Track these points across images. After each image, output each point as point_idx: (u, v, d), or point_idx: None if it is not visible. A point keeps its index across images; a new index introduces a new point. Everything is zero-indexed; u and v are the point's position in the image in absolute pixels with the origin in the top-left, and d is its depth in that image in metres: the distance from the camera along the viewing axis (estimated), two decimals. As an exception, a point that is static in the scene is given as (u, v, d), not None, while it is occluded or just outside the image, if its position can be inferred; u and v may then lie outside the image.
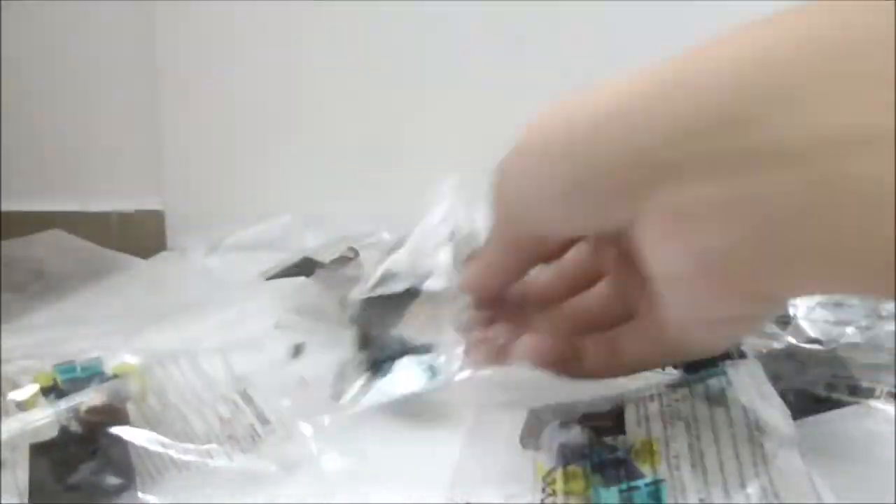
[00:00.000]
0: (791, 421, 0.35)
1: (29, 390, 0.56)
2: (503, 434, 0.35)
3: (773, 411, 0.35)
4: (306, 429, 0.26)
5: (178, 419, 0.31)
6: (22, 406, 0.55)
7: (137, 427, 0.51)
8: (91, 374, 0.56)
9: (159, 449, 0.37)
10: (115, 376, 0.55)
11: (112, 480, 0.46)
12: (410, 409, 0.35)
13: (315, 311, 0.44)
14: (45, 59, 0.99)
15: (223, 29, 0.93)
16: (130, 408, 0.50)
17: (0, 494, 0.48)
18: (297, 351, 0.37)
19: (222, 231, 0.90)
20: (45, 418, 0.52)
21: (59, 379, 0.56)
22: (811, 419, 0.47)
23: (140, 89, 0.97)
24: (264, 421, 0.21)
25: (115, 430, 0.48)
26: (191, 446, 0.35)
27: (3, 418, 0.52)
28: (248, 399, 0.31)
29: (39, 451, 0.49)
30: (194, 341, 0.24)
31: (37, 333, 0.75)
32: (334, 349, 0.37)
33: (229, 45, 0.94)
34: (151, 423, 0.49)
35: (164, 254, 0.98)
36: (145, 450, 0.50)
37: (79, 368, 0.57)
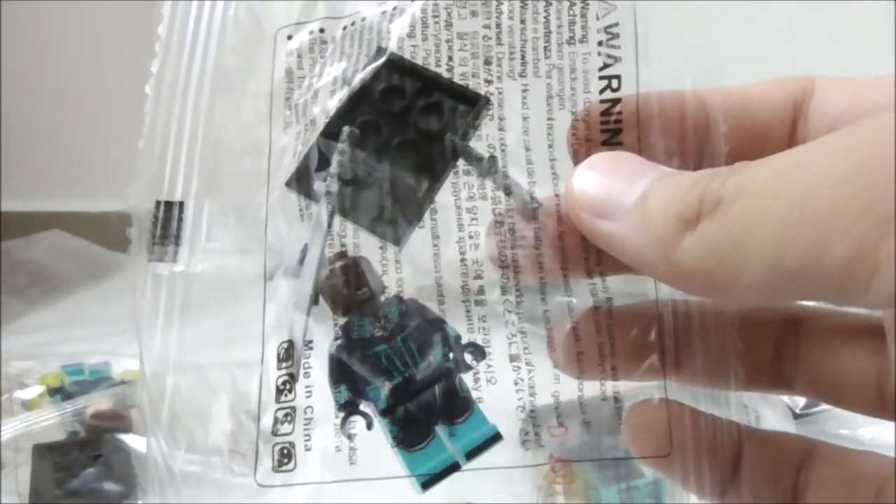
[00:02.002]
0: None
1: (35, 390, 0.56)
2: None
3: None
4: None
5: (181, 430, 0.32)
6: (27, 405, 0.55)
7: (141, 435, 0.52)
8: (99, 378, 0.57)
9: (167, 457, 0.38)
10: (123, 382, 0.55)
11: (112, 488, 0.47)
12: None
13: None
14: (45, 59, 0.99)
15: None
16: (134, 415, 0.51)
17: (0, 494, 0.48)
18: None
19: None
20: (49, 419, 0.52)
21: (67, 381, 0.57)
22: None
23: (140, 89, 0.97)
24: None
25: (120, 436, 0.48)
26: (194, 457, 0.36)
27: (5, 418, 0.53)
28: (252, 417, 0.31)
29: (42, 452, 0.50)
30: (202, 346, 0.24)
31: (37, 334, 0.75)
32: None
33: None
34: (165, 430, 0.49)
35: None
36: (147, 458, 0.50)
37: (87, 371, 0.58)
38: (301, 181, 0.20)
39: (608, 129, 0.19)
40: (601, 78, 0.19)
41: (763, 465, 0.20)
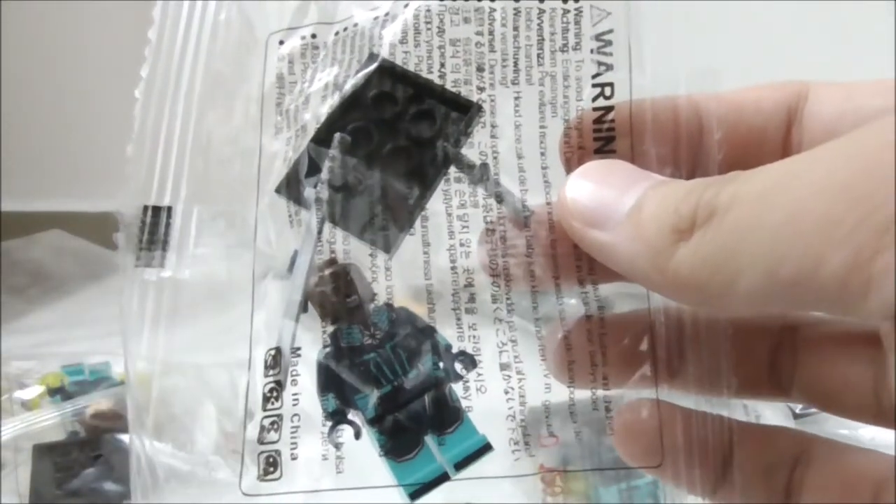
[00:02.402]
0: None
1: (35, 390, 0.56)
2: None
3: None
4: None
5: (181, 430, 0.32)
6: (27, 405, 0.55)
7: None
8: (98, 378, 0.57)
9: (161, 458, 0.38)
10: (123, 382, 0.55)
11: (112, 488, 0.47)
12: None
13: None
14: (44, 58, 0.99)
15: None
16: (133, 415, 0.51)
17: (0, 494, 0.48)
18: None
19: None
20: (49, 419, 0.52)
21: (67, 381, 0.57)
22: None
23: (140, 89, 0.97)
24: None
25: (120, 436, 0.48)
26: (188, 457, 0.36)
27: (5, 418, 0.53)
28: (251, 417, 0.31)
29: (42, 452, 0.50)
30: (192, 349, 0.24)
31: (37, 334, 0.75)
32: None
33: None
34: (154, 432, 0.49)
35: (163, 254, 0.98)
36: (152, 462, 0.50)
37: (87, 371, 0.58)
38: (291, 187, 0.20)
39: (601, 136, 0.19)
40: (594, 85, 0.19)
41: (754, 462, 0.20)
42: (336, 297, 0.19)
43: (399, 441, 0.19)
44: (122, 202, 0.21)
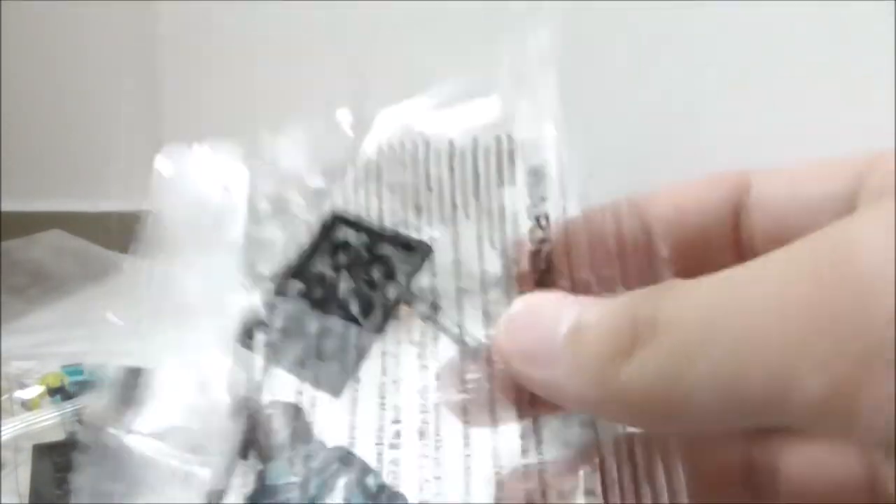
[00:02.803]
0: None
1: (35, 390, 0.56)
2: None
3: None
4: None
5: (182, 430, 0.32)
6: (27, 405, 0.56)
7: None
8: (98, 378, 0.57)
9: (162, 458, 0.38)
10: (124, 382, 0.55)
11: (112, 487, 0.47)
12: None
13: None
14: (44, 59, 0.99)
15: (224, 31, 0.94)
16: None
17: (0, 494, 0.48)
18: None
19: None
20: (49, 419, 0.52)
21: (67, 381, 0.57)
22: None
23: (140, 90, 0.97)
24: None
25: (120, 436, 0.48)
26: (194, 457, 0.36)
27: (5, 418, 0.53)
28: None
29: (42, 453, 0.50)
30: (194, 349, 0.24)
31: (37, 334, 0.76)
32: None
33: (229, 46, 0.94)
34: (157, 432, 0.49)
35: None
36: (148, 458, 0.50)
37: (87, 371, 0.58)
38: (247, 336, 0.20)
39: (540, 268, 0.19)
40: (530, 217, 0.19)
41: None
42: (272, 437, 0.20)
43: None
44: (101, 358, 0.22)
